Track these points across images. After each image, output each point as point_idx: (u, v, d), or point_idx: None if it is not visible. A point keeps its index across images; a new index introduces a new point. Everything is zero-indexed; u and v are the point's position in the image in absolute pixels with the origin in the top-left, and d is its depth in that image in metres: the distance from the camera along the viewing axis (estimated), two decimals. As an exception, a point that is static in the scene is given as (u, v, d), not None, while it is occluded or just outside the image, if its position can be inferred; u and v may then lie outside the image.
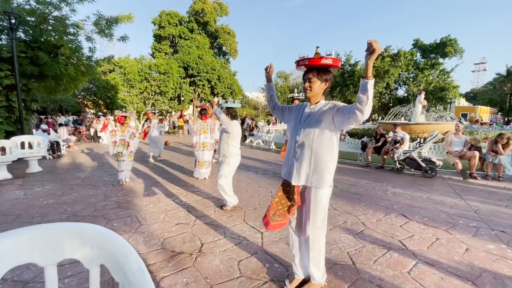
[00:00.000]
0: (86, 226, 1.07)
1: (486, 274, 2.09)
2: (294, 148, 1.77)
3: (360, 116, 1.42)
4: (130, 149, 5.01)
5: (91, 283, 1.06)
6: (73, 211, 3.45)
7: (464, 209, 3.58)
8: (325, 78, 1.69)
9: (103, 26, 10.75)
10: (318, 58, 1.63)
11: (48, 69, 8.78)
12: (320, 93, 1.74)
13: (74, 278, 2.03)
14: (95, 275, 1.06)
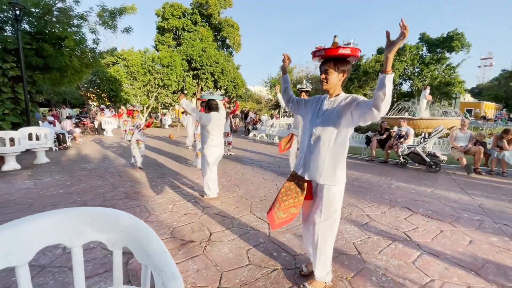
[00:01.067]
0: (110, 211, 1.12)
1: (489, 265, 2.13)
2: (309, 141, 1.72)
3: (376, 113, 1.37)
4: (136, 137, 5.50)
5: (115, 264, 1.13)
6: (82, 200, 3.52)
7: (468, 203, 3.62)
8: (342, 69, 1.61)
9: (106, 17, 10.71)
10: (335, 48, 1.56)
11: (53, 61, 8.80)
12: (338, 85, 1.67)
13: (88, 264, 2.11)
14: (118, 256, 1.13)
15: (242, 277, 1.96)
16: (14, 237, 0.93)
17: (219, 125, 3.59)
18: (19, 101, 8.36)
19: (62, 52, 9.31)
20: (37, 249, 0.98)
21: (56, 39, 9.13)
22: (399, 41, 1.27)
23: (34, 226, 0.99)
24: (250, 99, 38.95)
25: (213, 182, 3.68)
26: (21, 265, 0.94)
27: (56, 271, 2.00)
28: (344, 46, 1.56)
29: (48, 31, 8.96)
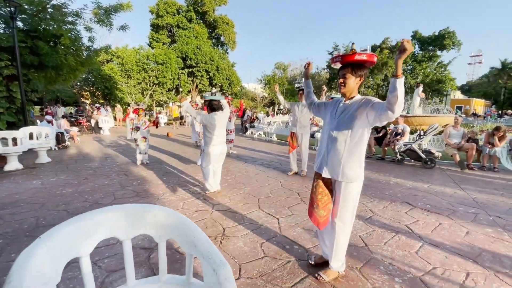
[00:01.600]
0: (157, 207, 1.24)
1: (485, 253, 2.32)
2: (327, 141, 1.86)
3: (391, 114, 1.48)
4: (142, 134, 5.79)
5: (160, 254, 1.25)
6: (94, 199, 3.60)
7: (463, 197, 3.83)
8: (359, 73, 1.74)
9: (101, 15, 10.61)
10: (352, 54, 1.69)
11: (49, 59, 8.71)
12: (355, 89, 1.79)
13: (112, 259, 2.21)
14: (163, 248, 1.25)
15: (260, 268, 2.10)
16: (78, 231, 1.04)
17: (220, 124, 3.71)
18: (14, 99, 8.25)
19: (58, 50, 9.21)
20: (96, 241, 1.09)
21: (51, 36, 9.03)
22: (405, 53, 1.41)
23: (94, 220, 1.10)
24: (245, 96, 38.97)
25: (210, 176, 3.83)
26: (84, 256, 1.05)
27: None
28: (361, 52, 1.69)
29: (42, 28, 8.86)
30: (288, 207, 3.38)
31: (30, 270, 0.82)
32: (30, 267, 0.82)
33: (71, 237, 1.02)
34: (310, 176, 4.97)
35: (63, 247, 0.98)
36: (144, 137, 5.82)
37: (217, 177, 3.98)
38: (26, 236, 2.56)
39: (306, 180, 4.71)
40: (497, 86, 41.56)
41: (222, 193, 3.96)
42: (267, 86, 36.88)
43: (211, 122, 3.65)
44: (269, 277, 1.99)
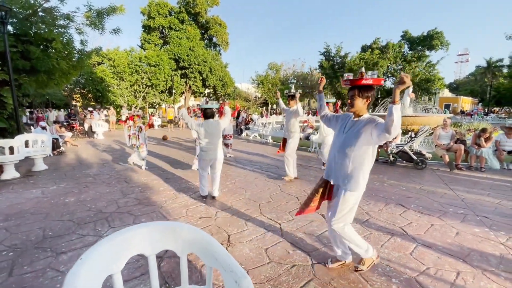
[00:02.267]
0: (177, 224, 1.35)
1: (473, 253, 2.51)
2: (335, 153, 2.07)
3: (388, 136, 1.69)
4: (140, 141, 5.88)
5: (182, 267, 1.36)
6: (97, 208, 3.65)
7: (453, 198, 4.04)
8: (366, 95, 1.93)
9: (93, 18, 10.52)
10: (359, 79, 1.89)
11: (40, 64, 8.60)
12: (363, 108, 1.97)
13: (124, 269, 2.27)
14: (185, 261, 1.36)
15: (267, 273, 2.22)
16: (112, 249, 1.14)
17: (210, 132, 3.91)
18: (5, 105, 8.13)
19: (49, 54, 9.11)
20: (126, 258, 1.20)
21: (43, 41, 8.92)
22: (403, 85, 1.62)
23: (125, 239, 1.20)
24: (238, 97, 39.00)
25: (202, 180, 4.10)
26: (116, 273, 1.15)
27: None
28: (367, 77, 1.88)
29: (33, 32, 8.74)
30: (288, 212, 3.52)
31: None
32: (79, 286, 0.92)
33: (107, 255, 1.12)
34: (306, 180, 5.12)
35: (101, 265, 1.08)
36: (141, 144, 5.90)
37: (214, 184, 4.16)
38: (36, 248, 2.61)
39: (304, 184, 4.86)
40: (483, 84, 42.80)
41: (224, 198, 4.06)
42: (260, 86, 37.00)
43: (199, 130, 3.94)
44: (276, 282, 2.11)
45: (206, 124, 3.92)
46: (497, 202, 3.86)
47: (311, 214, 3.45)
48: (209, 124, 3.93)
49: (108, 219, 3.30)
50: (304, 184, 4.81)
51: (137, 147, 5.91)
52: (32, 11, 8.93)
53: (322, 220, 3.25)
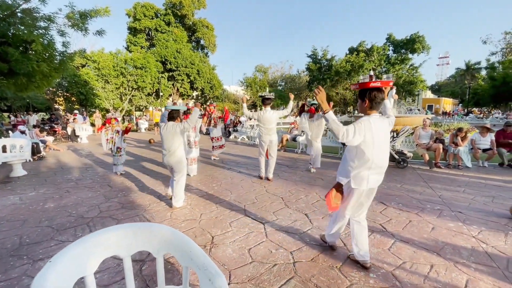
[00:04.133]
0: (154, 225, 1.36)
1: (447, 247, 2.62)
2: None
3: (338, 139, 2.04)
4: (117, 145, 5.76)
5: (158, 268, 1.37)
6: (78, 213, 3.57)
7: (431, 195, 4.21)
8: (363, 98, 2.12)
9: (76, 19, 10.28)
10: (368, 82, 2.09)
11: (19, 66, 8.32)
12: (363, 110, 2.17)
13: (104, 273, 2.26)
14: (161, 262, 1.37)
15: (249, 273, 2.25)
16: (84, 251, 1.14)
17: (167, 136, 3.65)
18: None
19: (29, 56, 8.83)
20: (101, 260, 1.19)
21: (22, 42, 8.64)
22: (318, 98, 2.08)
23: (98, 241, 1.20)
24: (227, 99, 38.93)
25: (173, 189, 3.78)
26: (89, 275, 1.15)
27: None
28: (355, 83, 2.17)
29: (11, 34, 8.46)
30: (273, 212, 3.56)
31: (46, 292, 0.92)
32: (46, 289, 0.92)
33: (78, 257, 1.11)
34: (291, 180, 5.19)
35: (72, 267, 1.07)
36: (118, 148, 5.74)
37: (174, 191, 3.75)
38: (11, 255, 2.53)
39: (289, 185, 4.92)
40: (463, 85, 44.61)
41: (209, 200, 4.06)
42: (248, 89, 37.10)
43: (161, 130, 3.72)
44: (257, 281, 2.14)
45: (165, 128, 3.67)
46: (471, 198, 4.05)
47: (295, 213, 3.51)
48: (167, 127, 3.67)
49: (89, 224, 3.24)
50: (290, 185, 4.87)
51: (114, 152, 5.76)
52: (10, 12, 8.64)
53: (306, 219, 3.31)
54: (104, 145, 5.83)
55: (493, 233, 2.89)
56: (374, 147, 2.05)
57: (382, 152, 2.11)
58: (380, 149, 2.08)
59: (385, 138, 2.12)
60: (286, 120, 17.70)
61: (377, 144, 2.06)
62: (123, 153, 5.85)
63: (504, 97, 28.82)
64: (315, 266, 2.33)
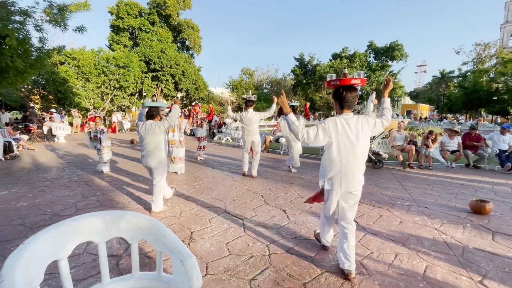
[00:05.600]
0: (131, 213, 1.42)
1: (411, 238, 2.83)
2: None
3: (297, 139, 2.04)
4: (102, 144, 5.64)
5: (133, 254, 1.42)
6: (53, 212, 3.49)
7: (402, 192, 4.47)
8: (334, 97, 2.13)
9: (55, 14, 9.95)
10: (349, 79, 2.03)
11: (-9, 61, 7.96)
12: (336, 109, 2.15)
13: (79, 268, 2.26)
14: (135, 248, 1.42)
15: (225, 265, 2.32)
16: (58, 236, 1.18)
17: (146, 135, 3.44)
18: None
19: (2, 51, 8.46)
20: (75, 245, 1.23)
21: (-6, 37, 8.27)
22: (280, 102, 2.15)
23: (73, 226, 1.24)
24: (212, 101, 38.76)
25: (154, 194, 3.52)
26: (62, 259, 1.18)
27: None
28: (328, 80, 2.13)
29: (-18, 28, 8.07)
30: (252, 209, 3.65)
31: (18, 271, 0.96)
32: (18, 268, 0.96)
33: (52, 241, 1.15)
34: (272, 179, 5.31)
35: (45, 250, 1.11)
36: (104, 146, 5.68)
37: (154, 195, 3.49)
38: (-20, 253, 2.45)
39: (270, 183, 5.04)
40: (438, 92, 47.04)
41: (190, 198, 4.09)
42: (234, 91, 37.16)
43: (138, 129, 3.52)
44: (233, 272, 2.22)
45: (143, 126, 3.45)
46: (438, 195, 4.35)
47: (274, 210, 3.63)
48: (146, 126, 3.43)
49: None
50: (270, 184, 4.99)
51: (98, 150, 5.68)
52: (-18, 5, 8.26)
53: (283, 215, 3.43)
54: (88, 143, 5.77)
55: (453, 225, 3.14)
56: (341, 148, 2.00)
57: (354, 153, 2.01)
58: (349, 150, 2.00)
59: (357, 139, 2.00)
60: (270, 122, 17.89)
61: (345, 145, 1.99)
62: (107, 151, 5.75)
63: (474, 104, 30.70)
64: (289, 257, 2.45)
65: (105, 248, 1.36)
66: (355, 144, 2.01)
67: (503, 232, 2.98)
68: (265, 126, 17.07)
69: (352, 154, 2.02)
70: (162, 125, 3.42)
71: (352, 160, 2.02)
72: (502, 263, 2.37)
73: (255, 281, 2.09)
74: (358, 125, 2.03)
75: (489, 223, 3.20)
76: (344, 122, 2.02)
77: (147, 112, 3.59)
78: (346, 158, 2.02)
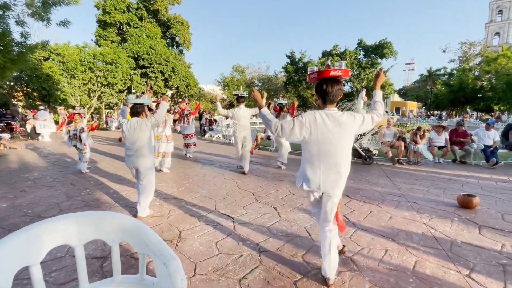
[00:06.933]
0: (107, 213, 1.34)
1: (401, 233, 2.84)
2: None
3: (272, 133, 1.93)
4: (83, 142, 5.38)
5: (114, 257, 1.34)
6: (35, 213, 3.34)
7: (391, 188, 4.51)
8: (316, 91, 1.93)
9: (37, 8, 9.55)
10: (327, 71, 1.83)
11: (-31, 56, 7.59)
12: (319, 103, 1.94)
13: (61, 272, 2.15)
14: (117, 251, 1.34)
15: (214, 264, 2.26)
16: (29, 240, 1.09)
17: (130, 134, 3.24)
18: None
19: (-21, 46, 8.06)
20: (48, 249, 1.15)
21: (-29, 30, 7.87)
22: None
23: (46, 229, 1.15)
24: (203, 98, 38.38)
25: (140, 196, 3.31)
26: (34, 264, 1.10)
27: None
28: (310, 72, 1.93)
29: (-41, 21, 7.68)
30: (243, 207, 3.60)
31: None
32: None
33: (22, 246, 1.06)
34: (263, 176, 5.28)
35: (14, 256, 1.02)
36: (85, 144, 5.41)
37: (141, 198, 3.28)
38: (-47, 258, 2.31)
39: (261, 180, 4.99)
40: (426, 90, 48.02)
41: (179, 197, 4.00)
42: (226, 88, 36.89)
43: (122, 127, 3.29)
44: (222, 271, 2.16)
45: (128, 124, 3.24)
46: (426, 190, 4.41)
47: (265, 207, 3.59)
48: (131, 124, 3.24)
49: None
50: (261, 181, 4.95)
51: (79, 149, 5.42)
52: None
53: (274, 213, 3.40)
54: (67, 142, 5.51)
55: (442, 220, 3.18)
56: (320, 146, 1.83)
57: (334, 151, 1.83)
58: (329, 148, 1.82)
59: (339, 136, 1.82)
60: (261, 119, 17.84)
61: (325, 142, 1.82)
62: (87, 150, 5.49)
63: (460, 101, 31.52)
64: (280, 255, 2.41)
65: (83, 252, 1.28)
66: (335, 142, 1.82)
67: (489, 225, 3.04)
68: (256, 123, 17.02)
69: (331, 153, 1.83)
70: (149, 122, 3.23)
71: (332, 159, 1.84)
72: (489, 256, 2.40)
73: (245, 281, 2.05)
74: (341, 121, 1.82)
75: (476, 217, 3.26)
76: (325, 117, 1.82)
77: (131, 109, 3.40)
78: (325, 157, 1.84)
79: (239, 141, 5.37)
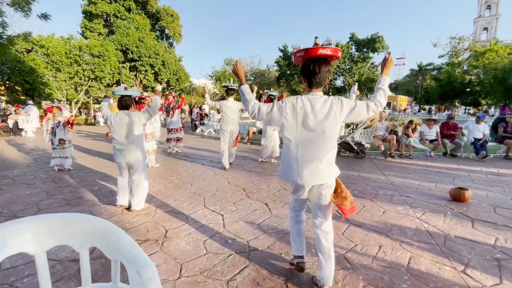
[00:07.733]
0: (74, 215, 1.18)
1: (395, 228, 2.78)
2: None
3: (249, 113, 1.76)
4: (58, 137, 5.14)
5: (82, 265, 1.19)
6: (11, 212, 3.14)
7: (384, 182, 4.47)
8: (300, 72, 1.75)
9: (18, -3, 9.07)
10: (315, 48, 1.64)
11: None
12: (305, 87, 1.77)
13: (34, 277, 1.99)
14: (85, 257, 1.20)
15: (201, 265, 2.14)
16: (-25, 250, 0.93)
17: (117, 127, 3.12)
18: None
19: (-44, 36, 7.61)
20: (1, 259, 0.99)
21: None
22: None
23: None
24: (194, 92, 37.84)
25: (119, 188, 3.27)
26: (-17, 277, 0.95)
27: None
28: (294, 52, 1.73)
29: None
30: (233, 203, 3.48)
31: None
32: None
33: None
34: (254, 172, 5.16)
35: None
36: (61, 139, 5.13)
37: (135, 194, 3.20)
38: None
39: (252, 175, 4.88)
40: (416, 85, 48.61)
41: (167, 194, 3.85)
42: (218, 82, 36.41)
43: (109, 120, 3.15)
44: (209, 273, 2.04)
45: (118, 117, 3.11)
46: (418, 183, 4.38)
47: (255, 203, 3.48)
48: (120, 116, 3.11)
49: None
50: (253, 176, 4.83)
51: (56, 145, 5.11)
52: None
53: (265, 209, 3.29)
54: (45, 136, 5.29)
55: (434, 214, 3.14)
56: (298, 133, 1.67)
57: (314, 140, 1.66)
58: (308, 136, 1.66)
59: (320, 124, 1.63)
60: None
61: (304, 129, 1.66)
62: (67, 145, 5.20)
63: (449, 96, 32.03)
64: (271, 254, 2.31)
65: (45, 259, 1.13)
66: (316, 130, 1.64)
67: (482, 219, 3.01)
68: (249, 118, 16.85)
69: (311, 141, 1.66)
70: (142, 115, 3.12)
71: (311, 149, 1.67)
72: (483, 250, 2.36)
73: (233, 282, 1.93)
74: (326, 107, 1.63)
75: (468, 211, 3.24)
76: (307, 103, 1.64)
77: (120, 101, 3.23)
78: (303, 145, 1.67)
79: (226, 134, 5.17)
